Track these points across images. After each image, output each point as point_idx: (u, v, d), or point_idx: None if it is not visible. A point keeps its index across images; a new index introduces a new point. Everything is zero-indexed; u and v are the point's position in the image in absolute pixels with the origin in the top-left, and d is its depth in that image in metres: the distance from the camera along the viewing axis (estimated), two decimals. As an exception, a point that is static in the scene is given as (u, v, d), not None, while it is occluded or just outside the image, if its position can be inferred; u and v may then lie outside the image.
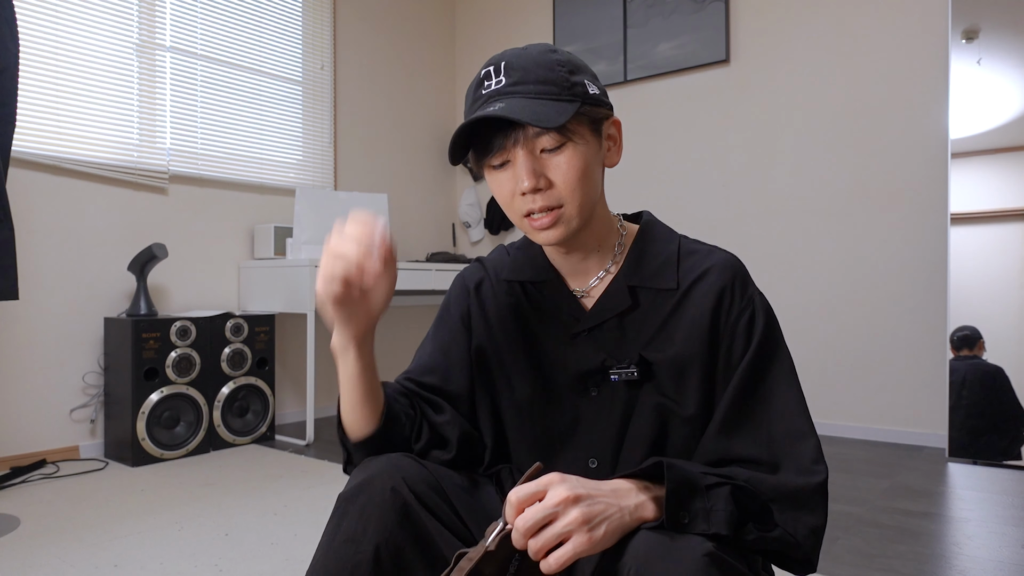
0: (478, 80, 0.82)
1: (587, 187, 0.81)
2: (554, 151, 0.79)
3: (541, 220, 0.81)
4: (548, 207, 0.80)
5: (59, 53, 2.79)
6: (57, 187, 2.79)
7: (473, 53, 4.59)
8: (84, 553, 1.80)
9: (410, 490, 0.77)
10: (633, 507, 0.68)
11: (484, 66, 0.82)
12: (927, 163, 3.05)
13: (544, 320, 0.91)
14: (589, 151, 0.81)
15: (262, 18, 3.54)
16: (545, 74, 0.79)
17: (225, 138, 3.37)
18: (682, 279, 0.85)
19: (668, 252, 0.88)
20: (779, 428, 0.78)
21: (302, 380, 3.64)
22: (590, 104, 0.80)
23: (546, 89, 0.78)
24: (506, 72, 0.80)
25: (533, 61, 0.80)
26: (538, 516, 0.64)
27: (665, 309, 0.85)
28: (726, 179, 3.57)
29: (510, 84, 0.79)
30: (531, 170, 0.79)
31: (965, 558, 1.78)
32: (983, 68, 2.86)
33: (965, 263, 2.87)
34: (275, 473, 2.59)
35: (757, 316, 0.83)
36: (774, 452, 0.78)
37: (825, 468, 0.77)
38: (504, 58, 0.81)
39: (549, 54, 0.81)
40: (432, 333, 0.98)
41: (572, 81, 0.80)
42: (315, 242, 3.21)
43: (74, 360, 2.83)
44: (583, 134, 0.80)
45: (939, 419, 2.98)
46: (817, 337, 3.30)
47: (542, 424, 0.90)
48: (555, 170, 0.80)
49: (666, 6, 3.72)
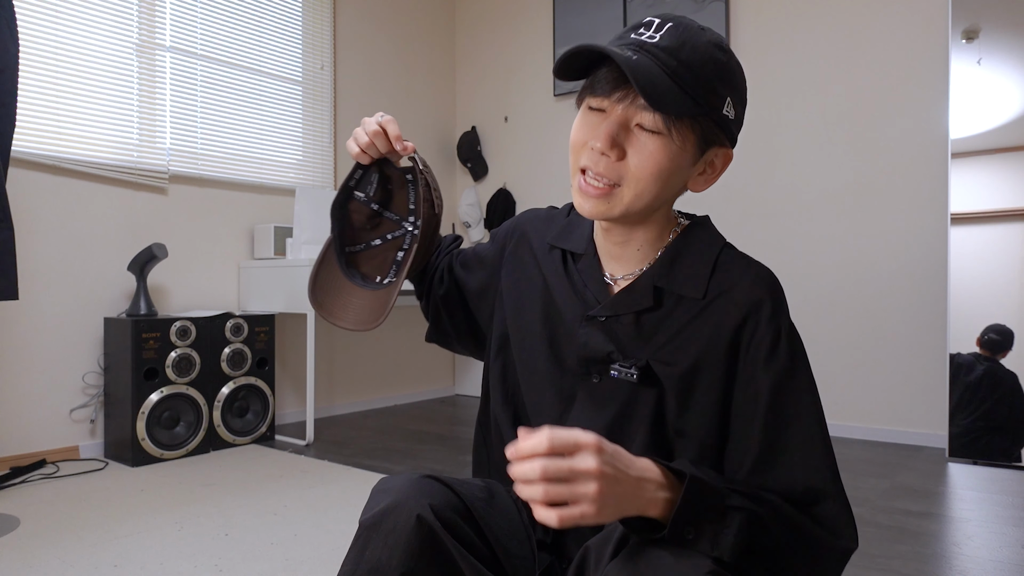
0: (635, 23, 0.75)
1: (656, 185, 0.75)
2: (649, 132, 0.73)
3: (591, 185, 0.76)
4: (606, 176, 0.75)
5: (59, 53, 2.79)
6: (57, 187, 2.79)
7: (473, 53, 4.59)
8: (84, 553, 1.80)
9: (436, 516, 0.74)
10: (647, 501, 0.66)
11: (645, 15, 0.76)
12: (927, 163, 3.05)
13: (569, 294, 0.88)
14: (680, 159, 0.74)
15: (262, 18, 3.54)
16: (697, 64, 0.71)
17: (225, 138, 3.37)
18: (711, 290, 0.79)
19: (705, 259, 0.81)
20: (800, 477, 0.75)
21: (302, 380, 3.64)
22: (714, 121, 0.74)
23: (687, 75, 0.71)
24: (667, 33, 0.72)
25: (695, 45, 0.72)
26: (560, 471, 0.62)
27: (686, 317, 0.80)
28: (725, 179, 3.57)
29: (660, 46, 0.71)
30: (611, 135, 0.73)
31: (965, 558, 1.78)
32: (983, 68, 2.86)
33: (965, 263, 2.87)
34: (275, 473, 2.59)
35: (781, 344, 0.76)
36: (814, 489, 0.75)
37: (856, 536, 0.75)
38: (674, 20, 0.73)
39: (716, 50, 0.73)
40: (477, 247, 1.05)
41: (714, 90, 0.72)
42: (315, 242, 3.21)
43: (74, 360, 2.83)
44: (685, 139, 0.73)
45: (939, 419, 2.98)
46: (817, 337, 3.30)
47: (539, 392, 0.88)
48: (638, 149, 0.74)
49: (666, 6, 3.72)
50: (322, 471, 2.62)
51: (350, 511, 2.15)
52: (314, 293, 0.95)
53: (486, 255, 1.02)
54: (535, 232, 0.96)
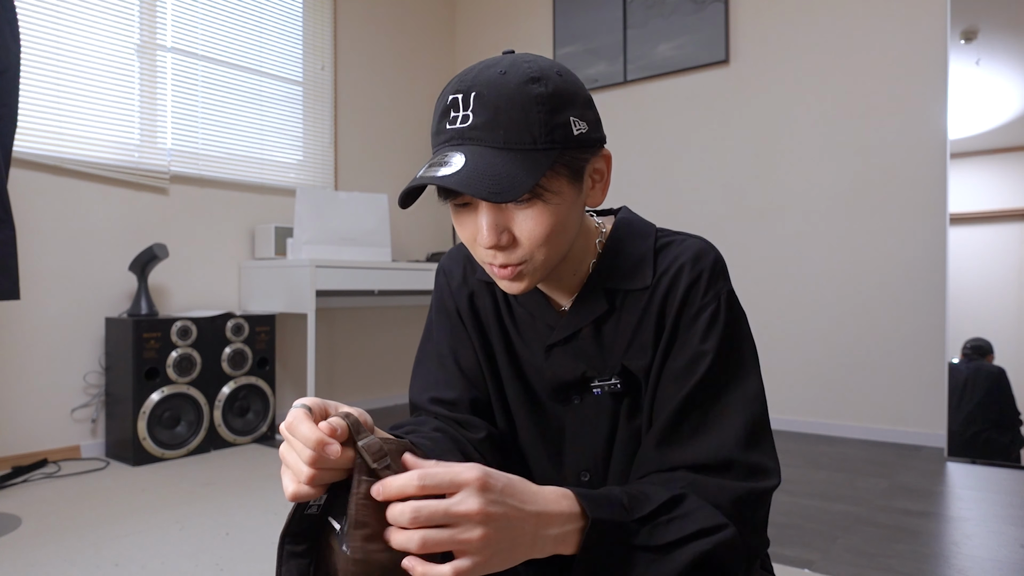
0: (444, 107, 0.69)
1: (557, 242, 0.71)
2: (522, 204, 0.69)
3: (503, 272, 0.72)
4: (509, 263, 0.71)
5: (60, 54, 2.80)
6: (58, 187, 2.80)
7: (473, 53, 4.60)
8: (85, 552, 1.80)
9: None
10: (554, 538, 0.61)
11: (452, 87, 0.69)
12: (926, 163, 3.05)
13: (520, 327, 0.84)
14: (564, 205, 0.70)
15: (263, 18, 3.55)
16: (520, 117, 0.66)
17: (226, 138, 3.38)
18: (655, 275, 0.78)
19: (644, 248, 0.79)
20: (730, 437, 0.72)
21: (302, 380, 3.64)
22: (572, 149, 0.69)
23: (518, 138, 0.66)
24: (475, 107, 0.66)
25: (508, 98, 0.66)
26: (435, 515, 0.55)
27: (638, 310, 0.78)
28: (725, 179, 3.58)
29: (476, 126, 0.66)
30: (493, 225, 0.69)
31: (964, 557, 1.79)
32: (982, 68, 2.86)
33: (964, 263, 2.88)
34: (275, 473, 2.59)
35: (720, 316, 0.74)
36: (723, 457, 0.71)
37: (778, 474, 0.72)
38: (475, 87, 0.67)
39: (529, 86, 0.66)
40: (435, 336, 0.90)
41: (553, 124, 0.67)
42: (315, 242, 3.22)
43: (75, 360, 2.83)
44: (559, 187, 0.69)
45: (938, 419, 2.98)
46: (816, 337, 3.31)
47: (528, 434, 0.85)
48: (521, 225, 0.69)
49: (666, 7, 3.72)
50: (322, 471, 2.62)
51: (350, 510, 2.15)
52: None
53: (461, 356, 0.88)
54: (454, 278, 0.90)
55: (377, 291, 3.83)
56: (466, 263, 0.91)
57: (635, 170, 3.87)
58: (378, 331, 4.10)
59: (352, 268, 3.23)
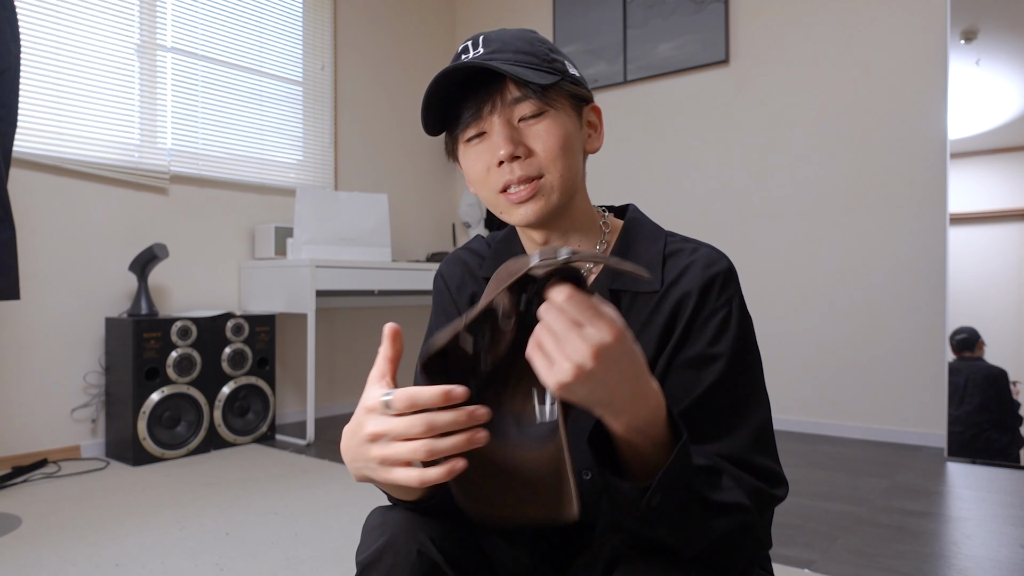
0: (455, 55, 0.77)
1: (569, 159, 0.76)
2: (534, 119, 0.75)
3: (519, 192, 0.75)
4: (528, 177, 0.74)
5: (60, 54, 2.80)
6: (59, 187, 2.80)
7: (473, 53, 4.60)
8: (85, 552, 1.80)
9: (438, 549, 0.69)
10: (652, 409, 0.59)
11: (462, 44, 0.77)
12: (926, 163, 3.05)
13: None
14: (569, 123, 0.77)
15: (262, 18, 3.55)
16: (525, 46, 0.75)
17: (226, 138, 3.38)
18: (664, 280, 0.78)
19: (653, 252, 0.80)
20: (742, 440, 0.71)
21: (302, 380, 3.64)
22: (571, 82, 0.77)
23: (527, 59, 0.74)
24: (484, 44, 0.75)
25: (512, 35, 0.76)
26: (583, 304, 0.53)
27: (645, 313, 0.78)
28: (725, 179, 3.58)
29: (488, 53, 0.74)
30: (509, 136, 0.74)
31: (964, 557, 1.79)
32: (982, 69, 2.86)
33: (964, 263, 2.88)
34: (275, 473, 2.59)
35: (731, 321, 0.74)
36: (736, 456, 0.70)
37: (786, 486, 0.71)
38: (482, 34, 0.77)
39: (527, 33, 0.78)
40: None
41: (553, 57, 0.76)
42: (315, 242, 3.22)
43: (75, 360, 2.83)
44: (564, 107, 0.76)
45: (938, 419, 2.98)
46: (816, 337, 3.31)
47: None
48: (535, 138, 0.75)
49: (666, 7, 3.73)
50: (322, 471, 2.63)
51: (350, 511, 2.16)
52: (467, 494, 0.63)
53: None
54: (453, 280, 0.90)
55: (377, 291, 3.83)
56: (464, 266, 0.91)
57: (635, 170, 3.87)
58: (378, 331, 4.10)
59: (352, 268, 3.23)
